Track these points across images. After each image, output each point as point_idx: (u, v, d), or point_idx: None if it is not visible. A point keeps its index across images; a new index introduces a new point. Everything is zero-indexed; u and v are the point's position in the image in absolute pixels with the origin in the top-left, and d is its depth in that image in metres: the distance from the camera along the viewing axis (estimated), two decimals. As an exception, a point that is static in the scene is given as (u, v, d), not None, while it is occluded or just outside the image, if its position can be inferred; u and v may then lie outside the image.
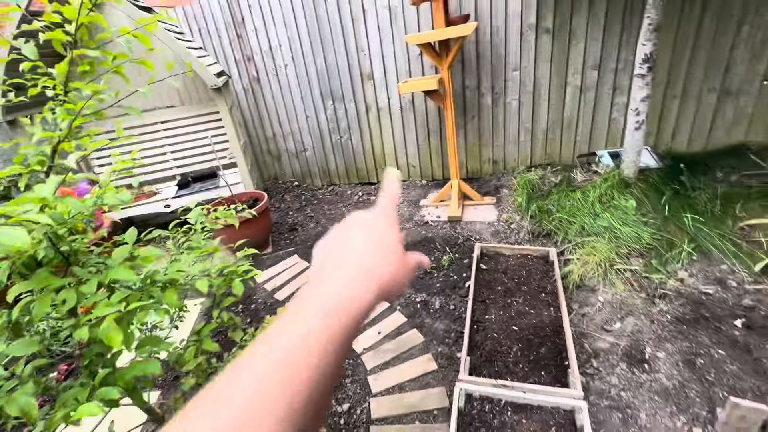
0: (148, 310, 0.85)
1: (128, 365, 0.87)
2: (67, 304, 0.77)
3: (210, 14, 3.83)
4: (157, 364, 0.86)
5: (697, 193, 2.60)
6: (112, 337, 0.73)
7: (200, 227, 1.21)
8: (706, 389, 1.66)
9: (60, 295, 0.78)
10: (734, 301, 1.99)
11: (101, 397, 0.77)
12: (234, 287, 1.03)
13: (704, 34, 2.76)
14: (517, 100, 3.36)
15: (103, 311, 0.74)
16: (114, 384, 0.82)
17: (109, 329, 0.73)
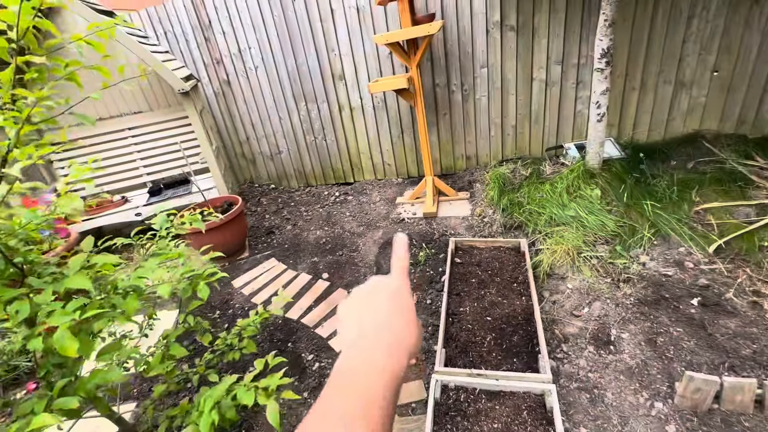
0: (107, 318, 0.85)
1: (89, 374, 0.86)
2: (20, 314, 0.76)
3: (176, 17, 3.75)
4: (119, 371, 0.86)
5: (656, 181, 2.73)
6: (66, 346, 0.73)
7: (165, 233, 1.20)
8: (666, 365, 1.75)
9: (12, 306, 0.77)
10: (691, 281, 2.11)
11: (59, 407, 0.76)
12: (199, 291, 1.03)
13: (658, 29, 2.89)
14: (486, 96, 3.43)
15: (58, 320, 0.74)
16: (74, 394, 0.82)
17: (63, 338, 0.73)
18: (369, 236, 3.23)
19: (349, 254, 3.06)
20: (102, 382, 0.85)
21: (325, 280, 2.81)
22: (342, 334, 0.40)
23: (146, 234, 1.26)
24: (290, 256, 3.17)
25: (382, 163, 4.03)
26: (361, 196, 3.93)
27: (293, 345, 2.31)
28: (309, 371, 2.12)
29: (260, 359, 1.05)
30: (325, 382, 1.76)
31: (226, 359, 1.36)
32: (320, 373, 2.10)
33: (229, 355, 1.36)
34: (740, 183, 2.55)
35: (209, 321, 2.64)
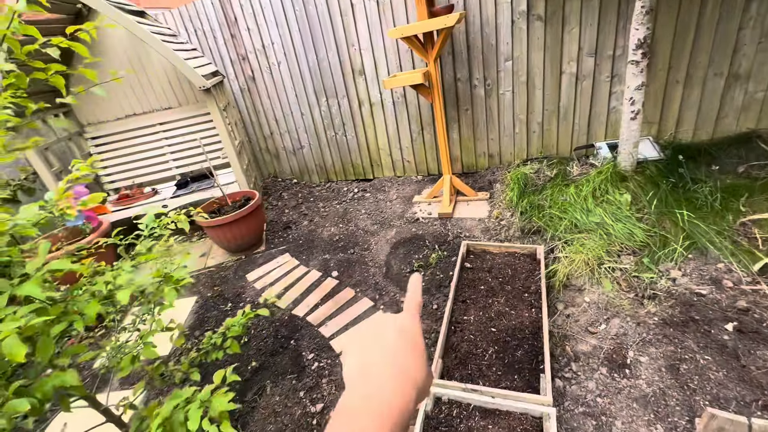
0: (63, 322, 0.86)
1: (48, 376, 0.88)
2: (-24, 318, 0.78)
3: (204, 15, 3.86)
4: (73, 374, 0.87)
5: (697, 186, 2.45)
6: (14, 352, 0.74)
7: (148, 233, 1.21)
8: (688, 397, 1.57)
9: (-30, 309, 0.79)
10: (728, 302, 1.87)
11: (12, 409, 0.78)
12: (165, 296, 1.03)
13: (708, 15, 2.57)
14: (510, 91, 3.24)
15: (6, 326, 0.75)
16: (31, 395, 0.83)
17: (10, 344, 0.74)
18: (382, 235, 3.18)
19: (361, 253, 3.03)
20: (60, 384, 0.86)
21: (334, 279, 2.80)
22: (347, 368, 0.39)
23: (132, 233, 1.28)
24: (304, 252, 3.20)
25: (402, 159, 3.94)
26: (378, 193, 3.87)
27: (295, 342, 2.32)
28: (308, 371, 2.12)
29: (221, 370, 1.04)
30: (321, 383, 1.73)
31: (210, 359, 1.37)
32: (318, 373, 2.09)
33: (212, 354, 1.37)
34: (800, 191, 2.22)
35: (221, 313, 2.73)
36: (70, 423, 1.18)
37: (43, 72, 1.07)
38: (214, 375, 1.04)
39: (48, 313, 0.83)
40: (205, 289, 3.00)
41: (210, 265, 3.29)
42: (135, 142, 3.92)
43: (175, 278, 1.07)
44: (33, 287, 0.79)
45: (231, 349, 1.40)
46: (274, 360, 2.22)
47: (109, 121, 3.91)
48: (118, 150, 3.91)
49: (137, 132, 3.91)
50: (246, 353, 2.30)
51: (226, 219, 2.98)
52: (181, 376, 1.36)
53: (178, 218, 1.32)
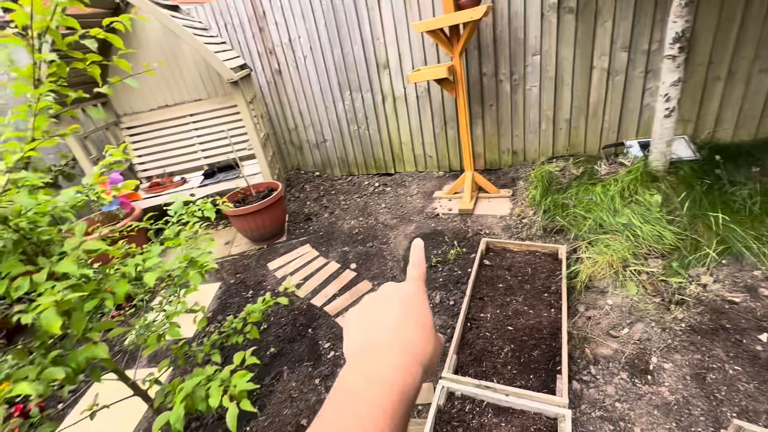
0: (96, 299, 0.92)
1: (81, 348, 0.94)
2: (20, 290, 0.84)
3: (234, 9, 3.95)
4: (104, 347, 0.92)
5: (735, 189, 2.32)
6: (51, 323, 0.80)
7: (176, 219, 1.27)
8: (714, 408, 1.50)
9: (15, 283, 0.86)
10: (763, 312, 1.77)
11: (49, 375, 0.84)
12: (191, 279, 1.08)
13: (756, 6, 2.41)
14: (537, 87, 3.15)
15: (44, 299, 0.81)
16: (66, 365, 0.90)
17: (48, 316, 0.80)
18: (401, 230, 3.19)
19: (379, 246, 3.05)
20: (92, 356, 0.92)
21: (353, 270, 2.84)
22: (347, 342, 0.38)
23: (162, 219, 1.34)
24: (323, 244, 3.25)
25: (424, 155, 3.92)
26: (399, 187, 3.88)
27: (313, 331, 2.37)
28: (324, 359, 2.16)
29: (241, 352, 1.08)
30: (336, 372, 1.78)
31: (231, 342, 1.42)
32: (334, 362, 2.13)
33: (233, 338, 1.42)
34: None
35: (243, 299, 2.82)
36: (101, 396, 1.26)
37: (82, 62, 1.14)
38: (234, 356, 1.09)
39: (83, 290, 0.89)
40: (228, 276, 3.10)
41: (233, 253, 3.40)
42: (166, 132, 4.07)
43: (201, 263, 1.12)
44: (70, 264, 0.85)
45: (251, 335, 1.45)
46: (291, 347, 2.28)
47: (143, 111, 4.08)
48: (151, 140, 4.08)
49: (169, 123, 4.06)
50: (265, 339, 2.37)
51: (250, 209, 3.06)
52: (203, 357, 1.42)
53: (205, 206, 1.37)
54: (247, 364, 1.05)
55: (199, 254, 1.15)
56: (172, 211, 1.37)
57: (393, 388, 0.30)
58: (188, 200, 1.44)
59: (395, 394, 0.29)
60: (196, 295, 2.78)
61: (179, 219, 1.36)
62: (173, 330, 1.15)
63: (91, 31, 1.10)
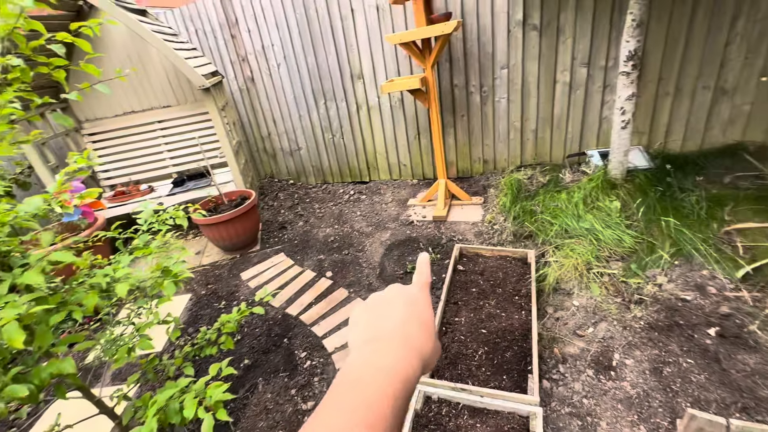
0: (62, 312, 0.88)
1: (45, 364, 0.90)
2: (-21, 304, 0.80)
3: (205, 15, 3.89)
4: (71, 362, 0.89)
5: (684, 195, 2.51)
6: (13, 338, 0.76)
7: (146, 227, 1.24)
8: (670, 399, 1.61)
9: (-27, 296, 0.81)
10: (711, 308, 1.92)
11: (10, 393, 0.80)
12: (164, 289, 1.06)
13: (697, 29, 2.65)
14: (506, 99, 3.30)
15: (6, 313, 0.77)
16: (29, 381, 0.85)
17: (10, 330, 0.76)
18: (377, 237, 3.22)
19: (355, 254, 3.05)
20: (57, 371, 0.88)
21: (329, 279, 2.83)
22: (354, 335, 0.39)
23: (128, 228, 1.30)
24: (298, 252, 3.22)
25: (398, 163, 3.99)
26: (374, 195, 3.91)
27: (289, 341, 2.34)
28: (300, 369, 2.14)
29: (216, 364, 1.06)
30: (313, 381, 1.76)
31: (204, 354, 1.39)
32: (310, 371, 2.11)
33: (207, 349, 1.39)
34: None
35: (215, 311, 2.74)
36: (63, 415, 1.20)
37: (46, 66, 1.10)
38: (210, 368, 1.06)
39: (48, 302, 0.85)
40: (199, 287, 3.00)
41: (205, 263, 3.30)
42: (133, 139, 3.93)
43: (174, 272, 1.09)
44: (35, 276, 0.82)
45: (225, 346, 1.42)
46: (266, 358, 2.24)
47: (107, 117, 3.92)
48: (115, 147, 3.92)
49: (135, 129, 3.92)
50: (239, 351, 2.31)
51: (222, 217, 2.99)
52: (175, 370, 1.38)
53: (177, 214, 1.35)
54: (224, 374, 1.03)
55: (173, 263, 1.12)
56: (141, 219, 1.33)
57: (396, 377, 0.32)
58: (158, 208, 1.40)
59: (398, 382, 0.32)
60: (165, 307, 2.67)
61: (149, 228, 1.33)
62: (144, 343, 1.12)
63: (57, 35, 1.07)
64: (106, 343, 1.28)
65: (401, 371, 0.33)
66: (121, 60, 3.73)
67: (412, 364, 0.34)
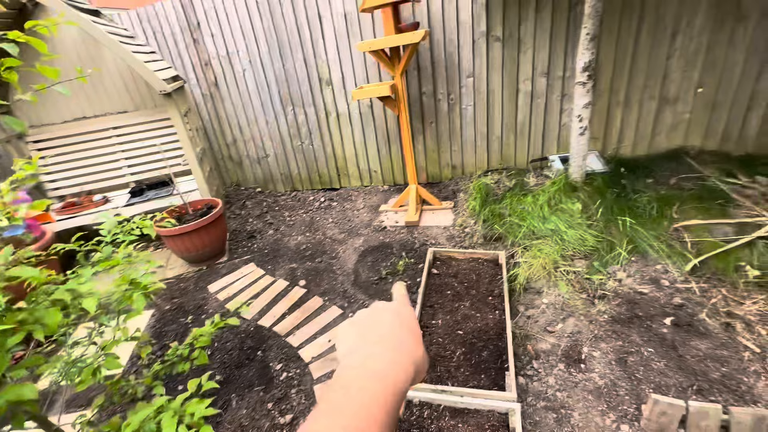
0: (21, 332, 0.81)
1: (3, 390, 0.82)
2: None
3: (165, 17, 3.74)
4: (32, 387, 0.81)
5: (637, 196, 2.71)
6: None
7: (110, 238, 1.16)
8: (635, 386, 1.71)
9: None
10: (665, 300, 2.08)
11: (-40, 426, 0.72)
12: (134, 303, 0.99)
13: (642, 44, 2.89)
14: (472, 106, 3.42)
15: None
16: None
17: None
18: (350, 243, 3.20)
19: (329, 261, 3.02)
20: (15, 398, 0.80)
21: (302, 287, 2.77)
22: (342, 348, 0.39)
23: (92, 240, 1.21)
24: (269, 262, 3.13)
25: (369, 170, 4.00)
26: (345, 202, 3.90)
27: (263, 354, 2.26)
28: (276, 381, 2.07)
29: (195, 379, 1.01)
30: (290, 394, 1.70)
31: (176, 371, 1.31)
32: (287, 383, 2.05)
33: (179, 366, 1.31)
34: (721, 201, 2.52)
35: (181, 326, 2.60)
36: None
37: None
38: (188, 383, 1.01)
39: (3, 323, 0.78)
40: (163, 302, 2.84)
41: (169, 277, 3.13)
42: (85, 146, 3.67)
43: (144, 284, 1.03)
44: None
45: (199, 361, 1.35)
46: (239, 372, 2.15)
47: (54, 123, 3.65)
48: (64, 155, 3.65)
49: (87, 136, 3.67)
50: (209, 367, 2.20)
51: (187, 228, 2.86)
52: (143, 390, 1.29)
53: (144, 224, 1.28)
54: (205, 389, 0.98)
55: (141, 274, 1.06)
56: (104, 230, 1.24)
57: (391, 381, 0.32)
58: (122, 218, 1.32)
59: (390, 386, 0.32)
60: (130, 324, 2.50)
61: (113, 239, 1.24)
62: (112, 362, 1.04)
63: (9, 34, 1.00)
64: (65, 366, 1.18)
65: (395, 375, 0.33)
66: (71, 62, 3.49)
67: (406, 368, 0.34)
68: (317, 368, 2.11)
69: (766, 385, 1.62)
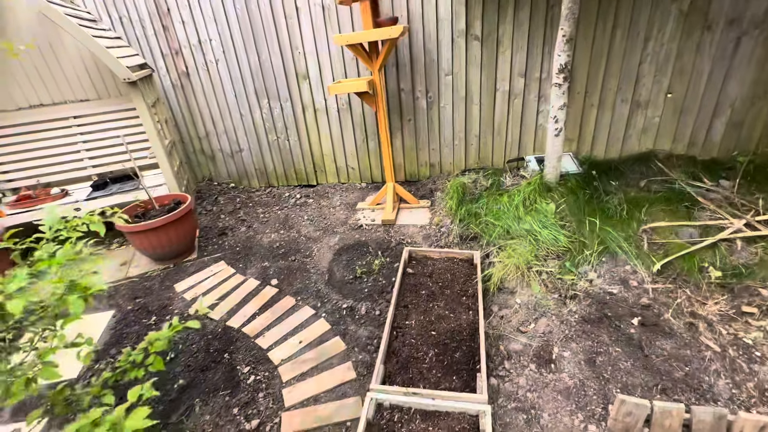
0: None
1: None
2: None
3: (132, 2, 3.54)
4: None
5: (608, 198, 2.76)
6: None
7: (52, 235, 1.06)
8: (603, 386, 1.73)
9: None
10: (633, 300, 2.12)
11: None
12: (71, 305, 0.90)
13: (616, 48, 2.94)
14: (450, 105, 3.40)
15: None
16: None
17: None
18: (325, 242, 3.13)
19: (302, 260, 2.94)
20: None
21: (274, 287, 2.68)
22: None
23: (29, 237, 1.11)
24: (240, 260, 3.02)
25: (346, 166, 3.93)
26: (322, 199, 3.82)
27: (230, 356, 2.17)
28: (243, 385, 1.99)
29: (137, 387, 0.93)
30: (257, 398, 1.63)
31: (128, 378, 1.22)
32: (255, 387, 1.97)
33: (131, 372, 1.22)
34: (687, 203, 2.60)
35: (144, 327, 2.47)
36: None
37: None
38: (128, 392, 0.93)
39: None
40: (125, 302, 2.69)
41: (132, 275, 2.97)
42: (41, 136, 3.44)
43: (83, 285, 0.94)
44: None
45: (154, 367, 1.27)
46: (204, 376, 2.06)
47: (7, 110, 3.40)
48: (18, 144, 3.41)
49: (45, 125, 3.44)
50: (172, 371, 2.10)
51: (152, 224, 2.72)
52: (91, 400, 1.20)
53: (91, 219, 1.18)
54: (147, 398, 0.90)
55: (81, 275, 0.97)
56: (45, 225, 1.14)
57: None
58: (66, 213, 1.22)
59: None
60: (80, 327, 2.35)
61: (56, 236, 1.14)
62: (48, 371, 0.95)
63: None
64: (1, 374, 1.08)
65: None
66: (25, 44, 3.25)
67: None
68: (287, 371, 2.05)
69: (725, 384, 1.67)
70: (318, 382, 1.97)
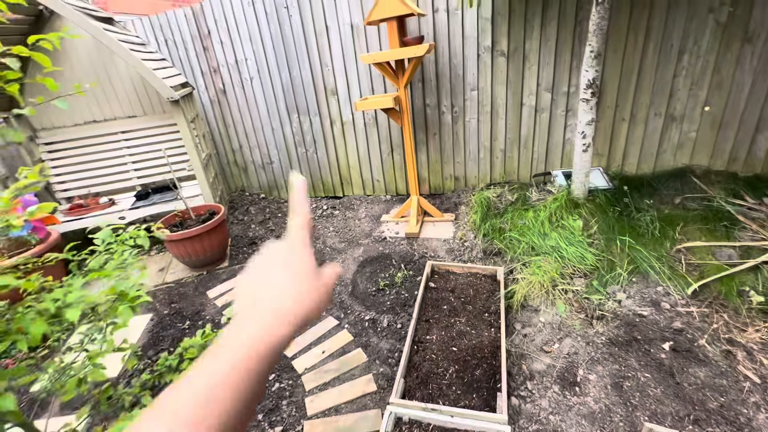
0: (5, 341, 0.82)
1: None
2: None
3: (176, 26, 3.82)
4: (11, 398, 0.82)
5: (640, 215, 2.67)
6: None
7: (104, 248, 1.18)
8: (630, 413, 1.67)
9: None
10: (665, 323, 2.04)
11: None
12: (119, 315, 1.00)
13: (648, 62, 2.87)
14: (476, 119, 3.42)
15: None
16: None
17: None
18: (349, 253, 3.20)
19: (327, 271, 3.01)
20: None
21: (299, 297, 2.77)
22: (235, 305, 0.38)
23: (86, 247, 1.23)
24: (269, 269, 3.14)
25: (372, 179, 4.02)
26: (347, 211, 3.90)
27: (256, 363, 2.26)
28: (268, 392, 2.07)
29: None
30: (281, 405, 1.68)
31: (165, 381, 1.32)
32: (279, 394, 2.05)
33: (167, 376, 1.32)
34: (726, 222, 2.48)
35: (178, 331, 2.62)
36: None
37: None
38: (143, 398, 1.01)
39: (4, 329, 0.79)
40: (162, 306, 2.86)
41: (168, 281, 3.16)
42: (93, 149, 3.75)
43: (131, 296, 1.04)
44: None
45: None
46: (232, 381, 2.15)
47: (65, 126, 3.73)
48: (73, 157, 3.72)
49: (96, 139, 3.74)
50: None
51: (189, 233, 2.89)
52: (131, 399, 1.30)
53: (137, 233, 1.29)
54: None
55: (130, 286, 1.07)
56: (98, 239, 1.26)
57: (253, 349, 0.32)
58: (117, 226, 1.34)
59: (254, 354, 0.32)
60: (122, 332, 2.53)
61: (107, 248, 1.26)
62: (97, 373, 1.05)
63: (14, 49, 1.02)
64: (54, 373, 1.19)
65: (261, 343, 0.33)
66: (84, 68, 3.58)
67: (276, 333, 0.34)
68: (310, 380, 2.11)
69: (766, 417, 1.57)
70: (340, 392, 2.02)
